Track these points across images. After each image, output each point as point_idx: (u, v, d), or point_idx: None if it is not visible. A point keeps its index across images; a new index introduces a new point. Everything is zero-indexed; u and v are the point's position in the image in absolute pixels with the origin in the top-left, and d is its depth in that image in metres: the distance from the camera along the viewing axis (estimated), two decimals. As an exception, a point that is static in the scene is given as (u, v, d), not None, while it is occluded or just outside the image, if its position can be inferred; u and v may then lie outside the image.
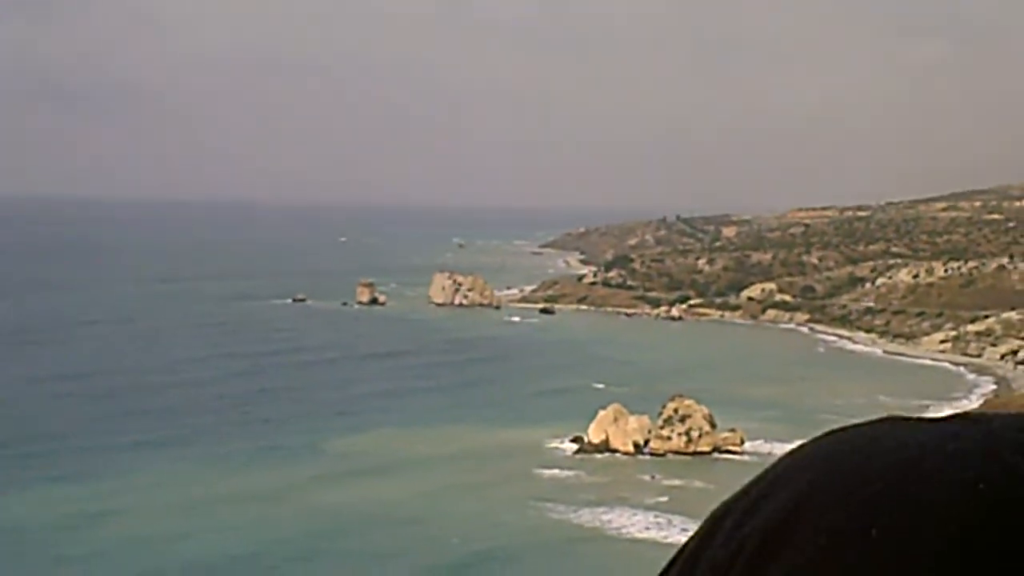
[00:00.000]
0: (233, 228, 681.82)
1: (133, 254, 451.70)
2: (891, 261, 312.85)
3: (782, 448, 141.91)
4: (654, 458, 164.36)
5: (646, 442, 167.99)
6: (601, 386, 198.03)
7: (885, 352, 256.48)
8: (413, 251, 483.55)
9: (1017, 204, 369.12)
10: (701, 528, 2.50)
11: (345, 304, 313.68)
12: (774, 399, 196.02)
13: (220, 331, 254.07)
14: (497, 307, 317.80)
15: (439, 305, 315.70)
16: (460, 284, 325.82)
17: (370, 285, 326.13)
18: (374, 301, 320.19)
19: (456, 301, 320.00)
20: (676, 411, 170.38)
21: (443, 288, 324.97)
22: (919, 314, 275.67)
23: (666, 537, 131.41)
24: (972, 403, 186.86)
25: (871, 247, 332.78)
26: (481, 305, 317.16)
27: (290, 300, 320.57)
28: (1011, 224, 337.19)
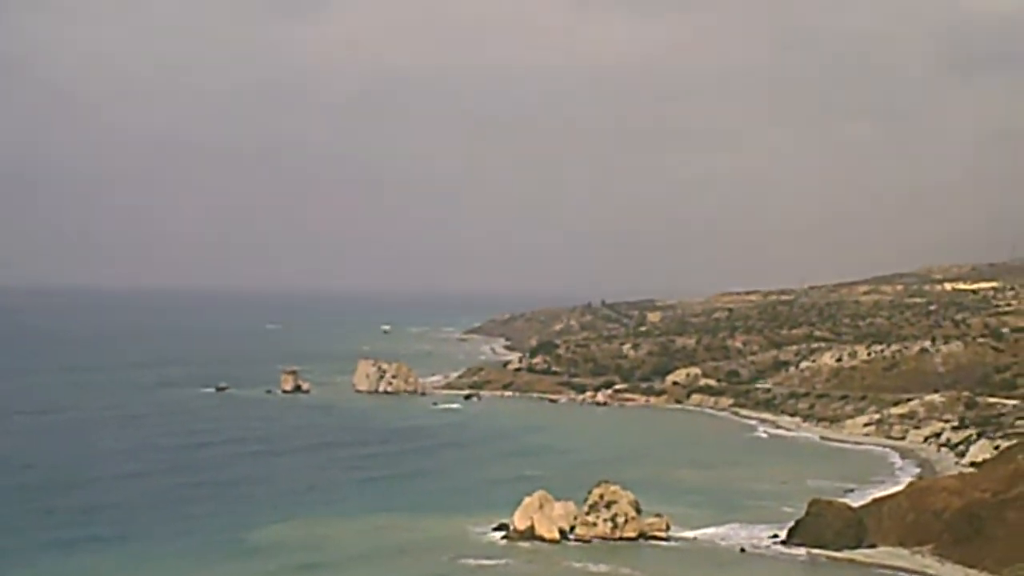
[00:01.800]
0: (158, 314, 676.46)
1: (57, 342, 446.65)
2: (815, 345, 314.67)
3: (708, 533, 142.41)
4: (580, 544, 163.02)
5: (572, 528, 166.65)
6: (526, 473, 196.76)
7: (810, 436, 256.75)
8: (339, 338, 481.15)
9: (939, 288, 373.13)
10: None
11: (269, 392, 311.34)
12: (700, 484, 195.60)
13: (144, 422, 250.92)
14: (422, 394, 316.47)
15: (363, 392, 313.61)
16: (385, 371, 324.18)
17: (294, 373, 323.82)
18: (298, 389, 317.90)
19: (381, 388, 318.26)
20: (602, 497, 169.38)
21: (367, 375, 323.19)
22: (843, 397, 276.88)
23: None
24: (897, 486, 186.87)
25: (795, 331, 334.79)
26: (406, 392, 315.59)
27: (214, 389, 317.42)
28: (933, 307, 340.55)
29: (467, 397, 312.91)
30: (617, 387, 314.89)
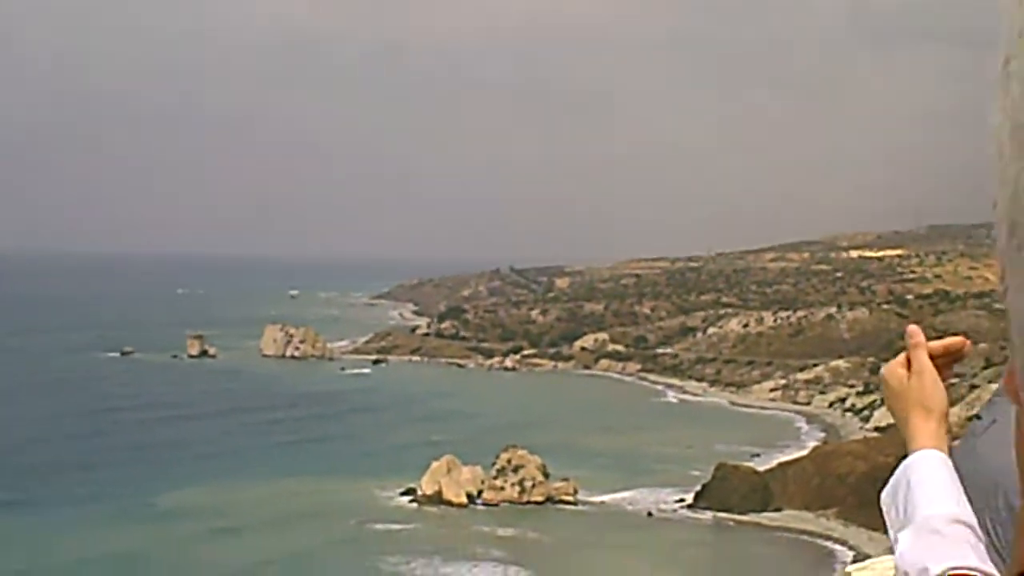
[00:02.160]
0: (59, 279, 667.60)
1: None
2: (722, 311, 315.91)
3: (615, 497, 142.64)
4: (488, 509, 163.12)
5: (479, 493, 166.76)
6: (434, 437, 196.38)
7: (718, 400, 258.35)
8: (246, 302, 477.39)
9: (845, 255, 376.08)
10: None
11: (175, 357, 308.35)
12: (607, 449, 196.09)
13: (45, 388, 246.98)
14: (330, 359, 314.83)
15: (270, 357, 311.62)
16: (292, 336, 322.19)
17: (200, 337, 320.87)
18: (204, 353, 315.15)
19: (288, 353, 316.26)
20: (509, 461, 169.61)
21: (275, 340, 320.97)
22: (749, 363, 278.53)
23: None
24: (803, 450, 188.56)
25: (702, 297, 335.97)
26: (313, 357, 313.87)
27: (118, 353, 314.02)
28: (839, 275, 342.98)
29: (375, 362, 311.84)
30: (525, 353, 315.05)
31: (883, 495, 4.05)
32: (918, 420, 4.25)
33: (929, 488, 3.62)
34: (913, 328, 4.48)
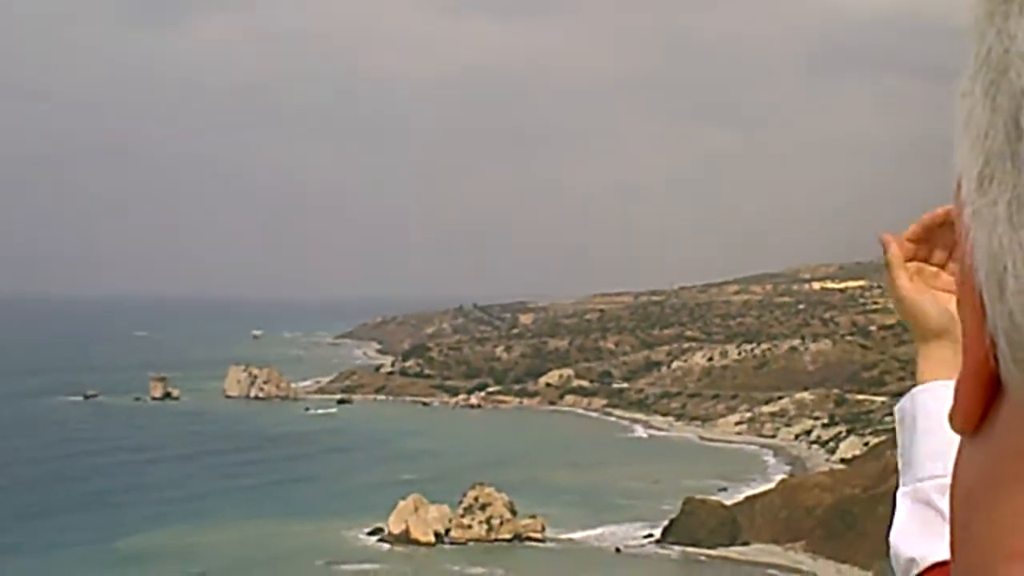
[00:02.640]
0: (13, 323, 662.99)
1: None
2: (686, 345, 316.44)
3: (583, 534, 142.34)
4: (455, 547, 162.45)
5: (447, 531, 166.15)
6: (401, 477, 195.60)
7: (684, 435, 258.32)
8: (208, 344, 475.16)
9: (807, 287, 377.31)
10: None
11: (138, 399, 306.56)
12: (575, 485, 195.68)
13: (6, 432, 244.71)
14: (294, 399, 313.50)
15: (234, 398, 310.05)
16: (256, 376, 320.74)
17: (163, 379, 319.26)
18: (168, 395, 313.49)
19: (251, 394, 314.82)
20: (476, 499, 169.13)
21: (238, 381, 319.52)
22: (714, 396, 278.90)
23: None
24: (770, 483, 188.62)
25: (666, 331, 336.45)
26: (278, 398, 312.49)
27: (82, 397, 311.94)
28: (801, 306, 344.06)
29: (340, 402, 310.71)
30: (490, 389, 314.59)
31: (896, 411, 3.82)
32: (922, 348, 3.86)
33: (927, 439, 3.46)
34: (885, 238, 3.86)
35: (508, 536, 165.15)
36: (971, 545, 1.42)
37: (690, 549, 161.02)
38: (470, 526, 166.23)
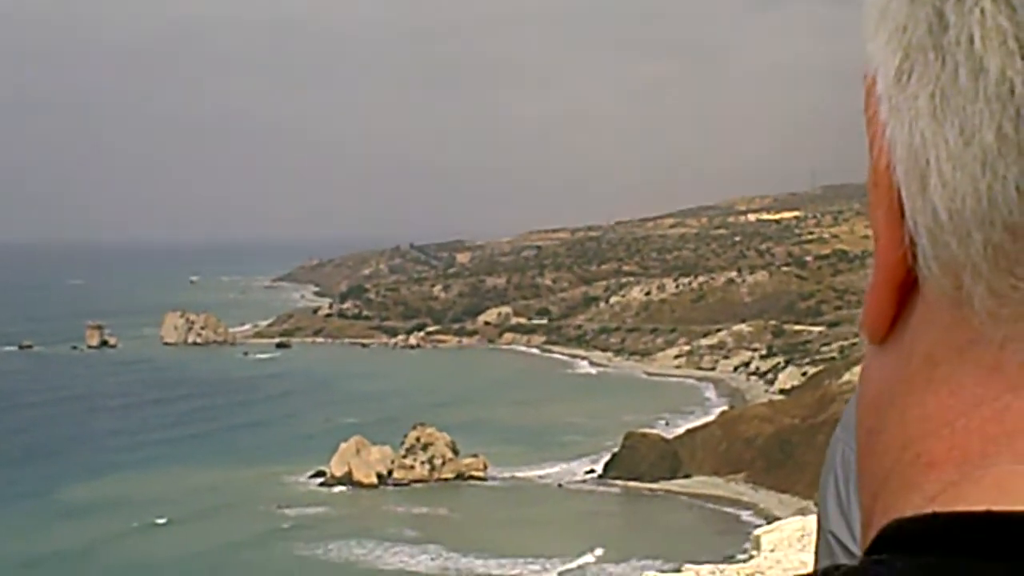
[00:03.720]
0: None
1: None
2: (623, 280, 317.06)
3: (525, 472, 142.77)
4: (398, 488, 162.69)
5: (389, 473, 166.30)
6: (341, 419, 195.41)
7: (623, 370, 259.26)
8: (144, 290, 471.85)
9: (743, 219, 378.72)
10: None
11: (75, 348, 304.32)
12: (516, 423, 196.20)
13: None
14: (232, 344, 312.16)
15: (171, 344, 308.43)
16: (193, 322, 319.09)
17: (99, 327, 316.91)
18: (104, 344, 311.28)
19: (189, 340, 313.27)
20: (418, 440, 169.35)
21: (175, 327, 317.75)
22: (653, 331, 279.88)
23: (418, 564, 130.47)
24: (709, 416, 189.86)
25: (603, 267, 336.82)
26: (215, 343, 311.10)
27: (16, 347, 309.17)
28: (738, 239, 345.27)
29: (278, 346, 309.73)
30: (429, 330, 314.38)
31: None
32: None
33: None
34: None
35: (451, 476, 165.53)
36: (881, 450, 1.48)
37: (632, 483, 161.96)
38: (412, 467, 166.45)
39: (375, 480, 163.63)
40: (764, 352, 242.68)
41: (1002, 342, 1.32)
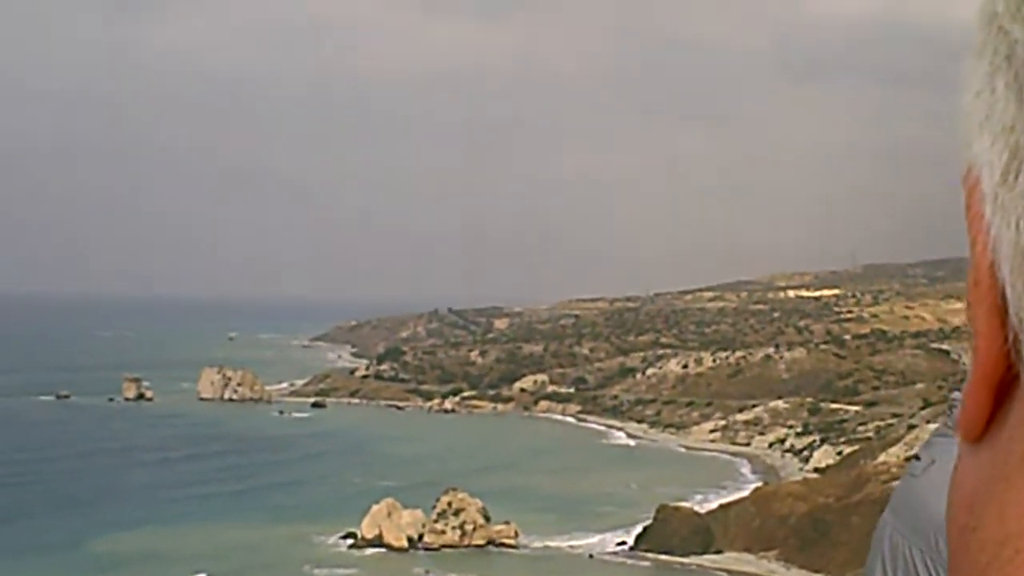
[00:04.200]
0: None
1: None
2: (660, 351, 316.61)
3: (556, 542, 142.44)
4: (429, 553, 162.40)
5: (420, 536, 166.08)
6: (373, 480, 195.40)
7: (659, 442, 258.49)
8: (183, 345, 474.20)
9: (782, 295, 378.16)
10: None
11: (111, 400, 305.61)
12: (549, 491, 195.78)
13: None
14: (268, 401, 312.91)
15: (207, 400, 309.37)
16: (230, 379, 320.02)
17: (136, 380, 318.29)
18: (141, 396, 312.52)
19: (225, 396, 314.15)
20: (450, 504, 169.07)
21: (212, 383, 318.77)
22: (689, 404, 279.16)
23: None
24: (743, 491, 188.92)
25: (641, 338, 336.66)
26: (251, 400, 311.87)
27: (54, 397, 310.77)
28: (776, 315, 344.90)
29: (314, 405, 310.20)
30: (464, 395, 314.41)
31: None
32: None
33: None
34: None
35: (481, 542, 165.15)
36: (977, 547, 1.43)
37: (663, 557, 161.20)
38: (443, 531, 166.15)
39: (405, 543, 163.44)
40: (800, 429, 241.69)
41: None
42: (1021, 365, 1.41)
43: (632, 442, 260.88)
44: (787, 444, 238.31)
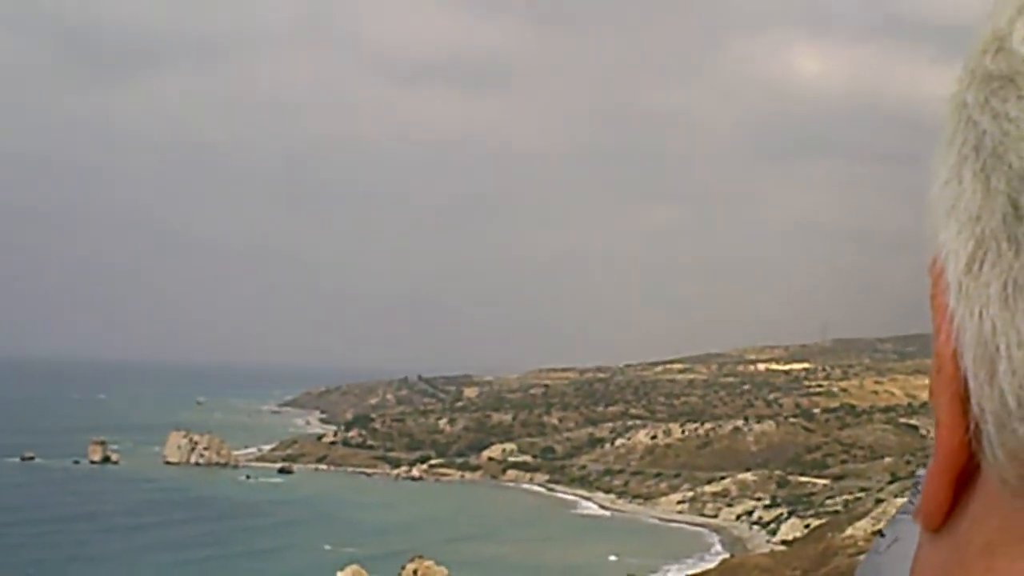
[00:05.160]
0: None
1: None
2: (630, 422, 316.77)
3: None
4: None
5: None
6: (339, 547, 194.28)
7: (626, 513, 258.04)
8: (151, 409, 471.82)
9: (752, 368, 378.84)
10: None
11: (76, 462, 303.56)
12: (512, 559, 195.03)
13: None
14: (235, 466, 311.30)
15: (174, 464, 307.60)
16: (196, 443, 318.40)
17: (103, 443, 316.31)
18: (107, 459, 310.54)
19: (192, 460, 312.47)
20: (415, 572, 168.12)
21: (179, 447, 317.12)
22: (657, 475, 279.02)
23: None
24: (710, 563, 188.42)
25: (610, 408, 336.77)
26: (218, 464, 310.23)
27: (18, 459, 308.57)
28: (746, 387, 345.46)
29: (280, 471, 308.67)
30: (432, 462, 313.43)
31: None
32: None
33: None
34: None
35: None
36: None
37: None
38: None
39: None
40: (768, 502, 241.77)
41: None
42: (982, 455, 1.45)
43: (601, 512, 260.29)
44: (755, 516, 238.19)
